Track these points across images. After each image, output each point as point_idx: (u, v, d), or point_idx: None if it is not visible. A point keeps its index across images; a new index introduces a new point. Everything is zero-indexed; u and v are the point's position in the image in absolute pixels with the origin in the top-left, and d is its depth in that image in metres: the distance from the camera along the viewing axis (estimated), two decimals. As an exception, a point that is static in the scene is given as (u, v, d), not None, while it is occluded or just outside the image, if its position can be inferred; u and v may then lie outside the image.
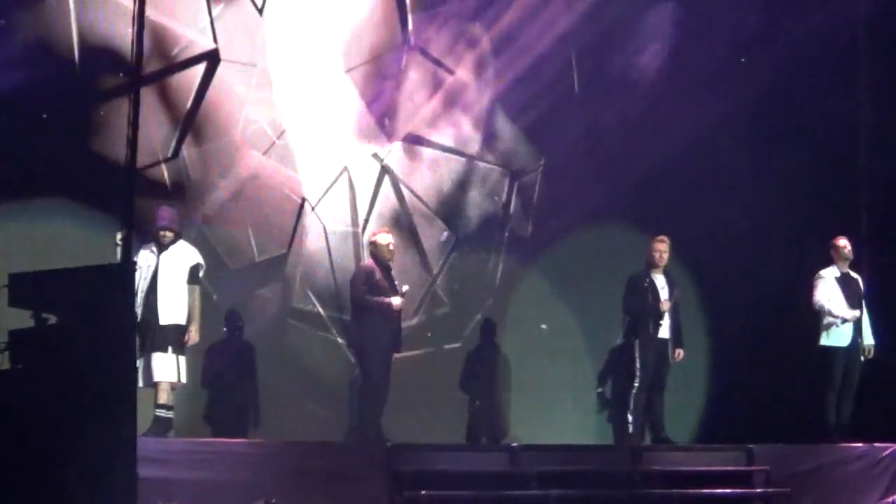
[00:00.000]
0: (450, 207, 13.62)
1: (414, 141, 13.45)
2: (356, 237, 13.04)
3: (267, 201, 12.70)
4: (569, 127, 13.88)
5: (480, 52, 13.70)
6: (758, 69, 13.90)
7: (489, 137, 13.81)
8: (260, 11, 12.67)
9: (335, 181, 13.01)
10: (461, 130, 13.66)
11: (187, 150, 12.36)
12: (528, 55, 13.65)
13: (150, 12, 10.02)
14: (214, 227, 12.40)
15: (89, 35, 11.77)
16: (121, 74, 11.66)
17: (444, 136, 13.60)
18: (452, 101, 13.61)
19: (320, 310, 12.77)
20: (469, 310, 13.53)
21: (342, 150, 13.07)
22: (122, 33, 11.37)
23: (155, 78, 12.11)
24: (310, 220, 12.90)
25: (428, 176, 13.53)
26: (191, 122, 12.39)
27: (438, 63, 13.57)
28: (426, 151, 13.53)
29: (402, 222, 13.33)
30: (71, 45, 11.72)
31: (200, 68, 12.44)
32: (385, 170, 13.26)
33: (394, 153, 13.34)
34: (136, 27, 7.62)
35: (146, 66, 11.32)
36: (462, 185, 13.69)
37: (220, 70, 12.46)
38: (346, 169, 13.07)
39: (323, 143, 12.89)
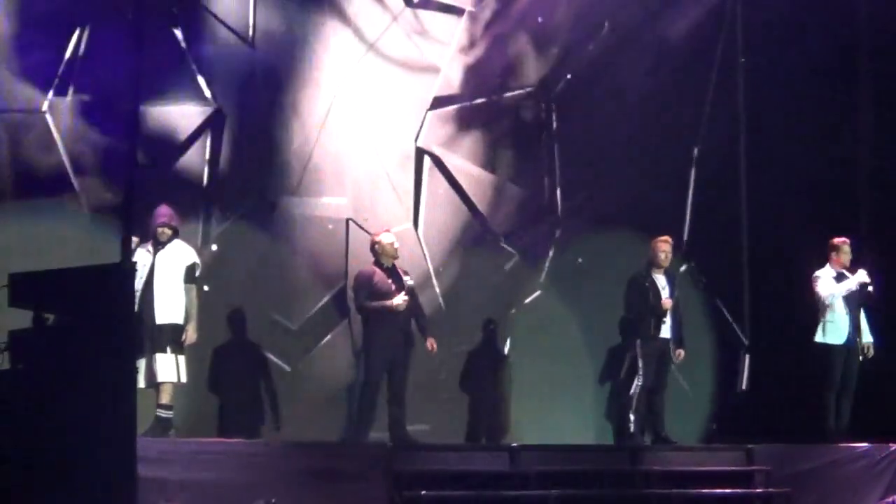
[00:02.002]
0: (496, 157, 13.13)
1: (442, 104, 12.85)
2: (410, 233, 12.41)
3: (311, 239, 12.12)
4: (593, 25, 13.47)
5: None
6: (758, 69, 13.90)
7: (516, 64, 13.22)
8: (252, 44, 11.95)
9: (375, 187, 12.45)
10: (486, 71, 13.04)
11: (216, 230, 11.61)
12: None
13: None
14: (265, 292, 11.80)
15: (79, 155, 11.13)
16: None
17: (470, 84, 13.06)
18: (469, 44, 13.00)
19: None
20: (536, 258, 13.27)
21: (374, 151, 12.55)
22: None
23: (161, 172, 11.27)
24: (360, 239, 12.08)
25: (466, 134, 12.99)
26: (212, 198, 11.58)
27: (445, 8, 12.92)
28: (457, 109, 12.96)
29: (454, 195, 12.89)
30: (61, 162, 11.08)
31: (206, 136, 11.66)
32: (421, 151, 12.74)
33: (424, 129, 12.82)
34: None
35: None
36: (501, 127, 13.15)
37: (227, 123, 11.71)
38: (383, 169, 12.58)
39: (352, 153, 12.39)
